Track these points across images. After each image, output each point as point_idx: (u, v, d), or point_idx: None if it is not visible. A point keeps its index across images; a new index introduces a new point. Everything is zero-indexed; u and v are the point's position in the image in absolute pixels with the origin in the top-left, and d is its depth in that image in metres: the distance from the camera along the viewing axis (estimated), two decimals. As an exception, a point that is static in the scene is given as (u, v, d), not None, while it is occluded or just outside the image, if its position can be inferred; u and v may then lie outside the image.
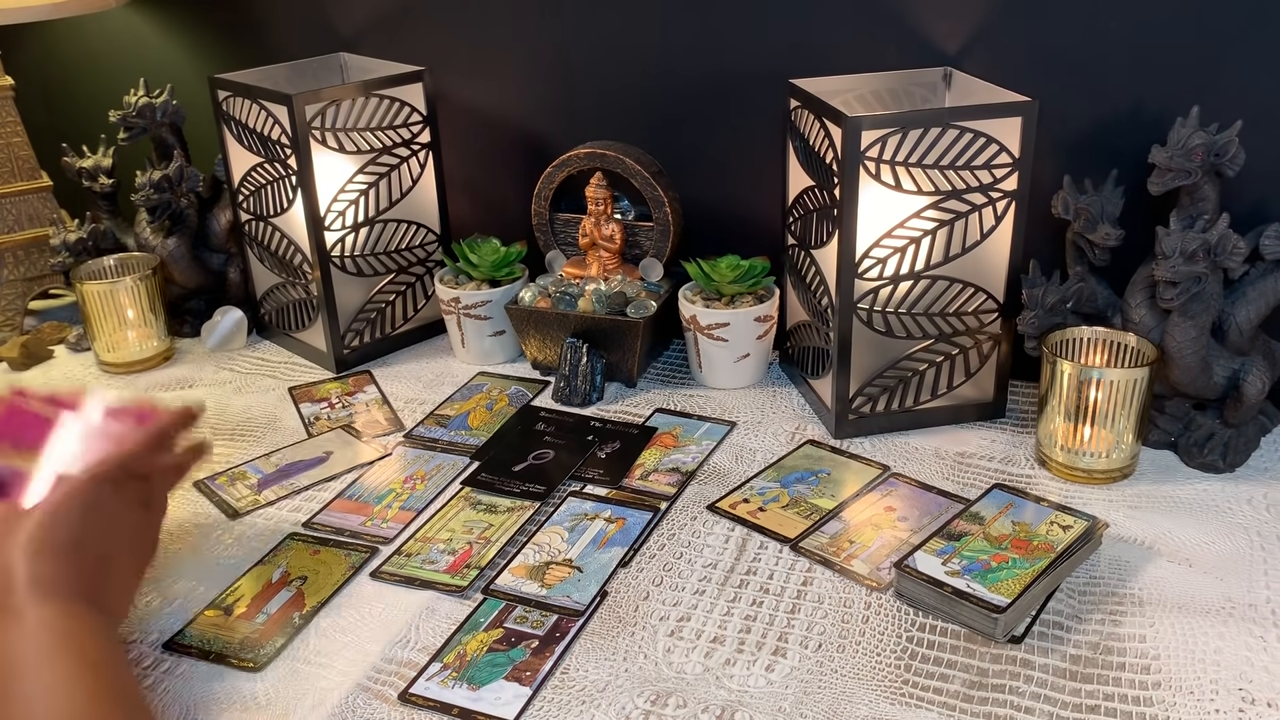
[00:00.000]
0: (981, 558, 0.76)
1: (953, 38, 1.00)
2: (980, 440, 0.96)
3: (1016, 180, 0.90)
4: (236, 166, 1.16)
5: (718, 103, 1.12)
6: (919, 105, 1.01)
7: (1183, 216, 0.87)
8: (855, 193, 0.88)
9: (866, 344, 0.95)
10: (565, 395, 1.06)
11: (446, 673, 0.71)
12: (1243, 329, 0.89)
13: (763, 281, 1.07)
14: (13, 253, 1.24)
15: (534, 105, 1.21)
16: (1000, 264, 0.93)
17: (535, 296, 1.09)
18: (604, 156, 1.09)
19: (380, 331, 1.18)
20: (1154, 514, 0.85)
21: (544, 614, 0.76)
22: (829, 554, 0.81)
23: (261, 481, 0.94)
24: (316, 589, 0.80)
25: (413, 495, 0.91)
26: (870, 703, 0.67)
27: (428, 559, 0.83)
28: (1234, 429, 0.91)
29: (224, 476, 0.95)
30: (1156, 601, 0.75)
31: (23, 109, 1.24)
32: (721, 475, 0.93)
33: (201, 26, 1.35)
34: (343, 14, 1.25)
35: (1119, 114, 0.96)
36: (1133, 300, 0.90)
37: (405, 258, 1.19)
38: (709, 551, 0.83)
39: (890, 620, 0.74)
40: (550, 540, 0.84)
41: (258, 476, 0.94)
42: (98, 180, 1.22)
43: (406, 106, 1.14)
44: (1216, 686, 0.67)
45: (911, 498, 0.88)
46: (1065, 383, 0.87)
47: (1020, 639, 0.72)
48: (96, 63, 1.44)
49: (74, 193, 1.27)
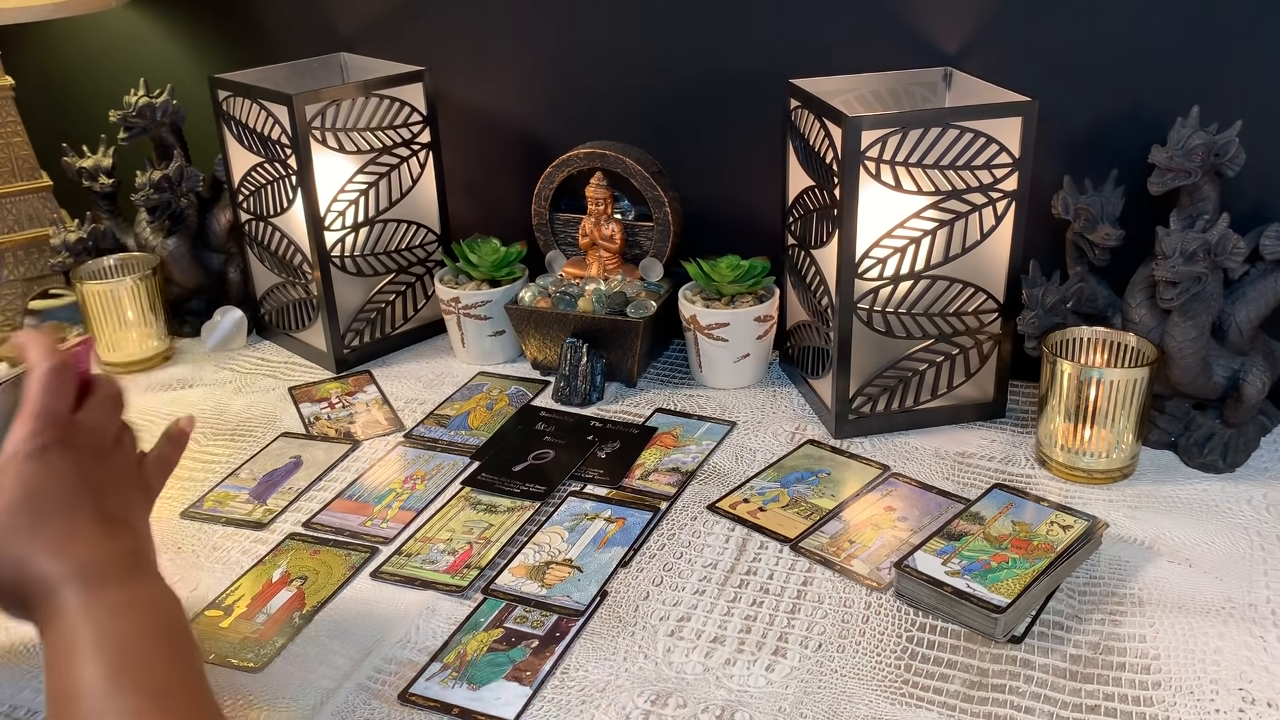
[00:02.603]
0: (981, 558, 0.76)
1: (953, 38, 1.00)
2: (980, 440, 0.96)
3: (1016, 180, 0.90)
4: (236, 166, 1.16)
5: (718, 103, 1.12)
6: (919, 105, 1.01)
7: (1183, 216, 0.87)
8: (855, 193, 0.88)
9: (866, 344, 0.95)
10: (565, 395, 1.06)
11: (446, 673, 0.71)
12: (1243, 329, 0.89)
13: (763, 281, 1.07)
14: (13, 253, 1.24)
15: (534, 105, 1.21)
16: (1000, 264, 0.93)
17: (535, 296, 1.09)
18: (604, 156, 1.09)
19: (380, 331, 1.18)
20: (1154, 514, 0.85)
21: (544, 614, 0.76)
22: (829, 554, 0.81)
23: (255, 494, 0.93)
24: (316, 589, 0.80)
25: (413, 495, 0.91)
26: (870, 703, 0.67)
27: (428, 559, 0.83)
28: (1234, 429, 0.91)
29: (210, 502, 0.92)
30: (1156, 601, 0.75)
31: (23, 109, 1.24)
32: (721, 475, 0.93)
33: (201, 26, 1.35)
34: (343, 14, 1.25)
35: (1119, 114, 0.96)
36: (1133, 300, 0.90)
37: (405, 258, 1.19)
38: (709, 551, 0.83)
39: (890, 620, 0.74)
40: (550, 540, 0.84)
41: (245, 492, 0.93)
42: (98, 180, 1.22)
43: (406, 106, 1.14)
44: (1216, 686, 0.67)
45: (911, 498, 0.88)
46: (1065, 383, 0.87)
47: (1020, 639, 0.72)
48: (96, 63, 1.44)
49: (74, 193, 1.27)
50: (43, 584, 0.56)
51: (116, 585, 0.57)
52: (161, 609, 0.58)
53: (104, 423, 0.63)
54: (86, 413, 0.62)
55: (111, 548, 0.58)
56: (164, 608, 0.58)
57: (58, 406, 0.60)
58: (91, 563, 0.56)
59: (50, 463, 0.58)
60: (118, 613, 0.55)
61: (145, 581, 0.59)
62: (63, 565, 0.56)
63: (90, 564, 0.56)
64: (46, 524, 0.57)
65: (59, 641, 0.54)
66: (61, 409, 0.60)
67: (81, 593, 0.55)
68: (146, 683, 0.53)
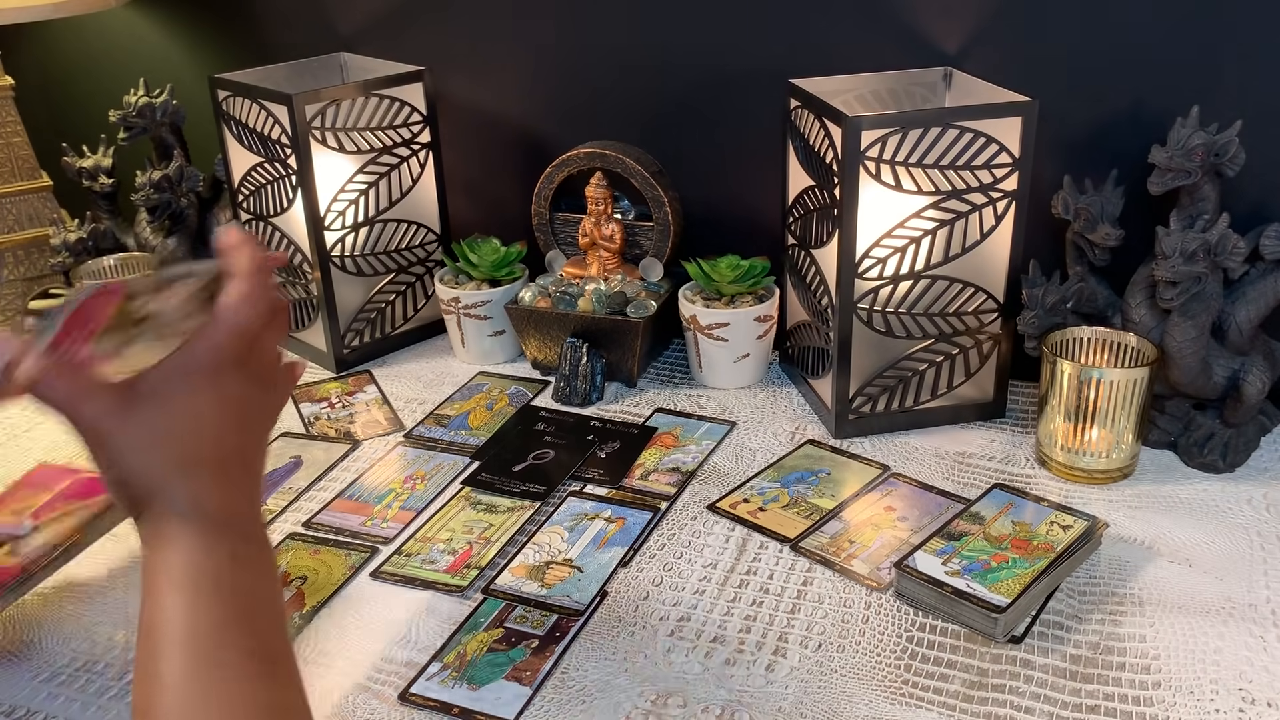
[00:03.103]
0: (981, 558, 0.76)
1: (953, 38, 1.00)
2: (980, 440, 0.96)
3: (1016, 180, 0.90)
4: (236, 166, 1.16)
5: (718, 103, 1.12)
6: (919, 105, 1.01)
7: (1183, 216, 0.87)
8: (855, 193, 0.88)
9: (866, 344, 0.95)
10: (565, 395, 1.06)
11: (446, 673, 0.71)
12: (1243, 329, 0.89)
13: (763, 281, 1.07)
14: (13, 253, 1.24)
15: (534, 105, 1.21)
16: (1000, 264, 0.93)
17: (535, 296, 1.09)
18: (604, 156, 1.09)
19: (380, 331, 1.18)
20: (1154, 514, 0.85)
21: (544, 614, 0.76)
22: (829, 554, 0.81)
23: None
24: (316, 589, 0.80)
25: (413, 495, 0.91)
26: (870, 703, 0.67)
27: (428, 559, 0.83)
28: (1234, 429, 0.91)
29: None
30: (1156, 601, 0.75)
31: (23, 109, 1.24)
32: (721, 475, 0.93)
33: (201, 26, 1.35)
34: (343, 14, 1.25)
35: (1119, 114, 0.96)
36: (1133, 300, 0.90)
37: (405, 257, 1.19)
38: (709, 551, 0.83)
39: (890, 620, 0.74)
40: (550, 540, 0.84)
41: None
42: (98, 180, 1.22)
43: (406, 106, 1.14)
44: (1216, 686, 0.67)
45: (911, 498, 0.88)
46: (1065, 383, 0.87)
47: (1020, 639, 0.72)
48: (96, 63, 1.44)
49: (74, 193, 1.27)
50: (171, 504, 0.52)
51: (242, 534, 0.54)
52: (274, 568, 0.56)
53: (276, 349, 0.59)
54: (268, 337, 0.58)
55: (245, 493, 0.55)
56: (275, 567, 0.56)
57: (254, 327, 0.56)
58: (224, 504, 0.53)
59: (224, 385, 0.54)
60: (239, 562, 0.53)
61: (264, 537, 0.56)
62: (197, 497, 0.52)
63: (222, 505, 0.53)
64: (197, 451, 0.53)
65: (170, 571, 0.51)
66: (255, 329, 0.56)
67: (207, 531, 0.52)
68: (257, 641, 0.51)
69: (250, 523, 0.55)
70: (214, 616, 0.50)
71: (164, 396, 0.53)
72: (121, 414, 0.52)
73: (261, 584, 0.54)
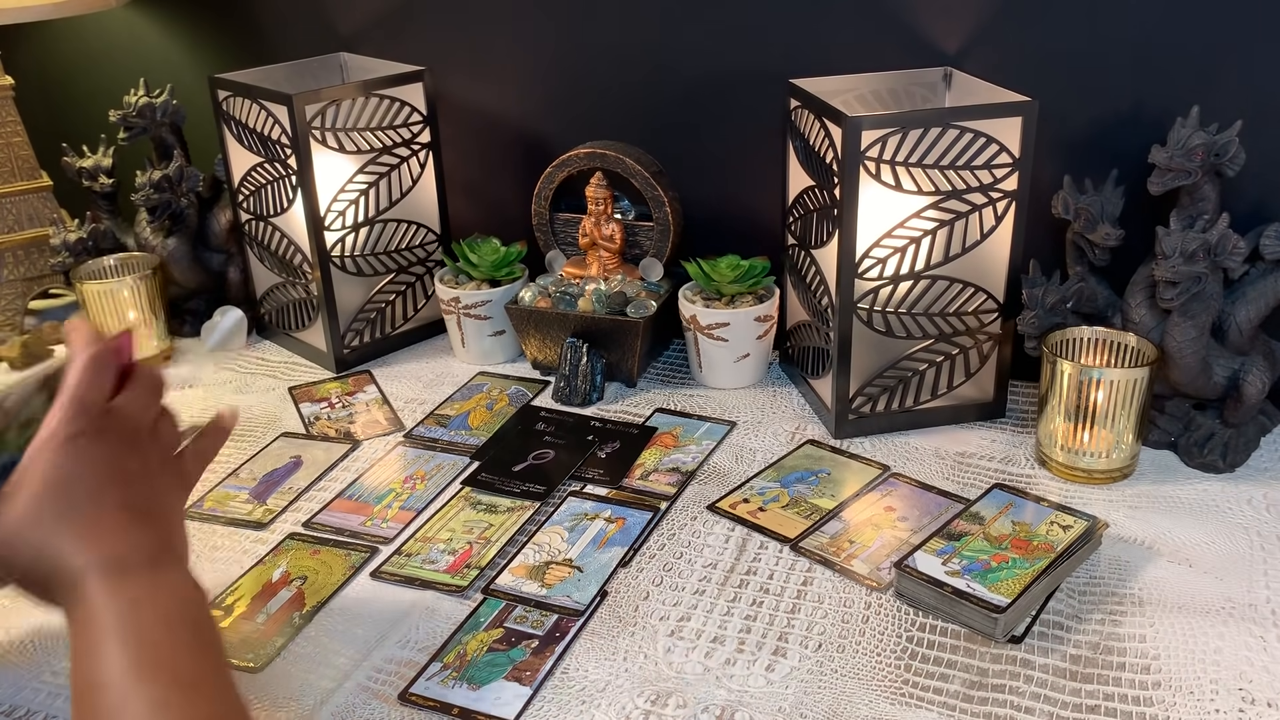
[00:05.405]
0: (981, 558, 0.76)
1: (953, 38, 1.00)
2: (980, 440, 0.96)
3: (1016, 180, 0.90)
4: (236, 166, 1.16)
5: (718, 103, 1.12)
6: (919, 105, 1.01)
7: (1183, 216, 0.87)
8: (855, 193, 0.88)
9: (866, 344, 0.95)
10: (565, 395, 1.06)
11: (446, 672, 0.71)
12: (1243, 329, 0.89)
13: (763, 281, 1.07)
14: (13, 253, 1.24)
15: (534, 105, 1.21)
16: (1000, 264, 0.93)
17: (535, 296, 1.09)
18: (604, 156, 1.09)
19: (380, 331, 1.18)
20: (1154, 514, 0.85)
21: (544, 614, 0.76)
22: (829, 554, 0.81)
23: (255, 494, 0.93)
24: (316, 589, 0.80)
25: (413, 495, 0.91)
26: (870, 703, 0.67)
27: (428, 559, 0.83)
28: (1234, 429, 0.91)
29: (210, 501, 0.92)
30: (1156, 601, 0.75)
31: (23, 109, 1.24)
32: (721, 475, 0.93)
33: (201, 26, 1.35)
34: (343, 14, 1.25)
35: (1119, 114, 0.96)
36: (1133, 300, 0.90)
37: (405, 258, 1.19)
38: (709, 551, 0.83)
39: (890, 620, 0.74)
40: (550, 540, 0.84)
41: (245, 492, 0.93)
42: (98, 180, 1.22)
43: (406, 106, 1.14)
44: (1216, 686, 0.67)
45: (911, 498, 0.88)
46: (1065, 383, 0.87)
47: (1020, 639, 0.72)
48: (96, 63, 1.44)
49: (74, 193, 1.27)
50: (67, 573, 0.55)
51: (139, 577, 0.56)
52: (185, 601, 0.58)
53: (140, 412, 0.62)
54: (123, 401, 0.61)
55: (137, 539, 0.58)
56: (187, 600, 0.58)
57: (93, 395, 0.60)
58: (115, 553, 0.56)
59: (81, 451, 0.58)
60: (140, 604, 0.55)
61: (169, 573, 0.58)
62: (86, 555, 0.56)
63: (114, 555, 0.56)
64: (73, 512, 0.57)
65: (83, 631, 0.54)
66: (97, 398, 0.60)
67: (105, 583, 0.55)
68: (169, 674, 0.53)
69: (147, 561, 0.57)
70: (123, 662, 0.53)
71: (29, 478, 0.57)
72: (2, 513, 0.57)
73: (174, 615, 0.56)
